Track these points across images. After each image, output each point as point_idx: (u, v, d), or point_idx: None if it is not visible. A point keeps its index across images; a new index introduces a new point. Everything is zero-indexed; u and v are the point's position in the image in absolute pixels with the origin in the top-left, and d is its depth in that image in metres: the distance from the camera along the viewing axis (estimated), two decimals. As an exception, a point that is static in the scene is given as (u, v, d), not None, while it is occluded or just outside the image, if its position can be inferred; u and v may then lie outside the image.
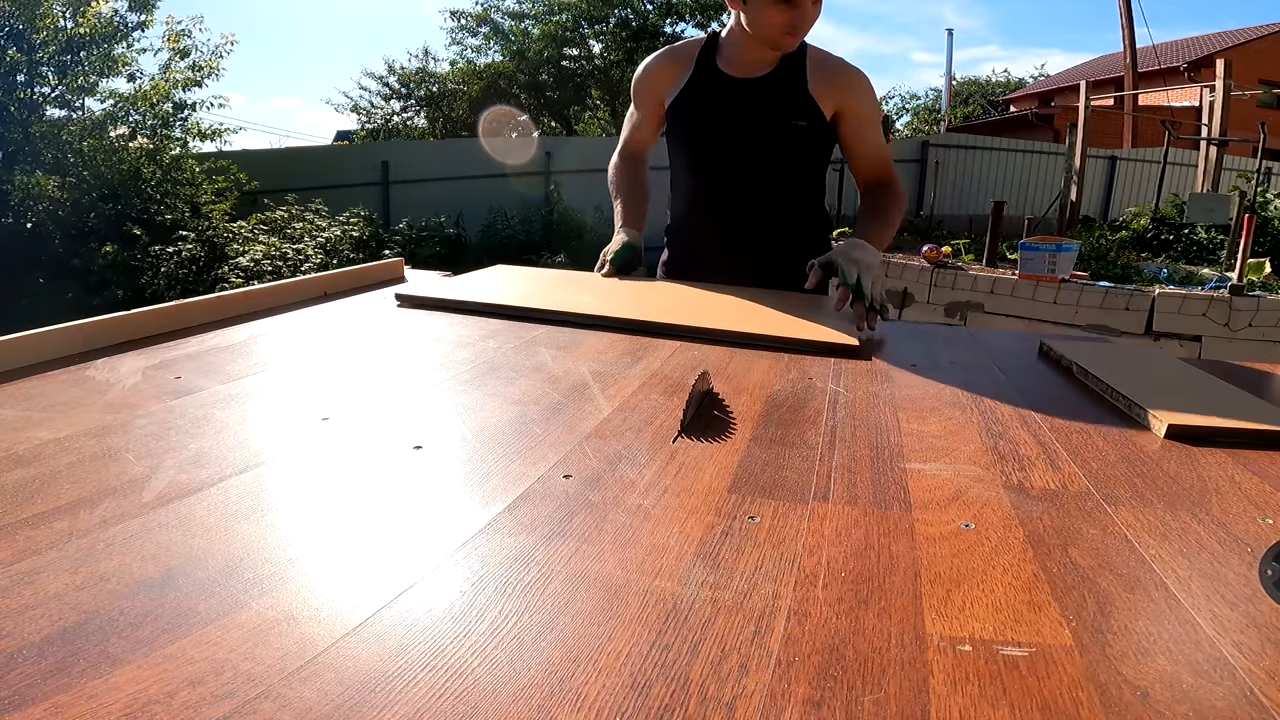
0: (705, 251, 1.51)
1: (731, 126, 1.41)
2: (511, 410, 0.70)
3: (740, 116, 1.40)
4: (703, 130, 1.44)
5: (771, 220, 1.46)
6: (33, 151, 7.03)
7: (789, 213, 1.47)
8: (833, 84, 1.37)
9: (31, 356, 0.77)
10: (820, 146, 1.44)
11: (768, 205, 1.45)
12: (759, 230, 1.46)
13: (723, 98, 1.40)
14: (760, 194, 1.45)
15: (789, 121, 1.38)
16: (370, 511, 0.50)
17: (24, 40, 6.88)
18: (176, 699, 0.32)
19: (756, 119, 1.40)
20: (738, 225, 1.46)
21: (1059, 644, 0.38)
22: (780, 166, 1.43)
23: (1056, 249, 4.34)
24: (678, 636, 0.37)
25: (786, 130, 1.39)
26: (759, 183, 1.44)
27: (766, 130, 1.40)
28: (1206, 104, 7.93)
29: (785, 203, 1.46)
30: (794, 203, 1.47)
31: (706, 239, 1.50)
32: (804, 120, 1.38)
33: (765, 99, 1.38)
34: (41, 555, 0.42)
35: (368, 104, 16.13)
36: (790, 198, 1.46)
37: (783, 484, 0.57)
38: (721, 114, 1.41)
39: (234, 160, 8.70)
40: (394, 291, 1.18)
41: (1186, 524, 0.53)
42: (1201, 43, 19.27)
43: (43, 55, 7.04)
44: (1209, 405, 0.78)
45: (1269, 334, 4.02)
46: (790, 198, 1.46)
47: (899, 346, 1.05)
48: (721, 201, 1.47)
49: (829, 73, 1.38)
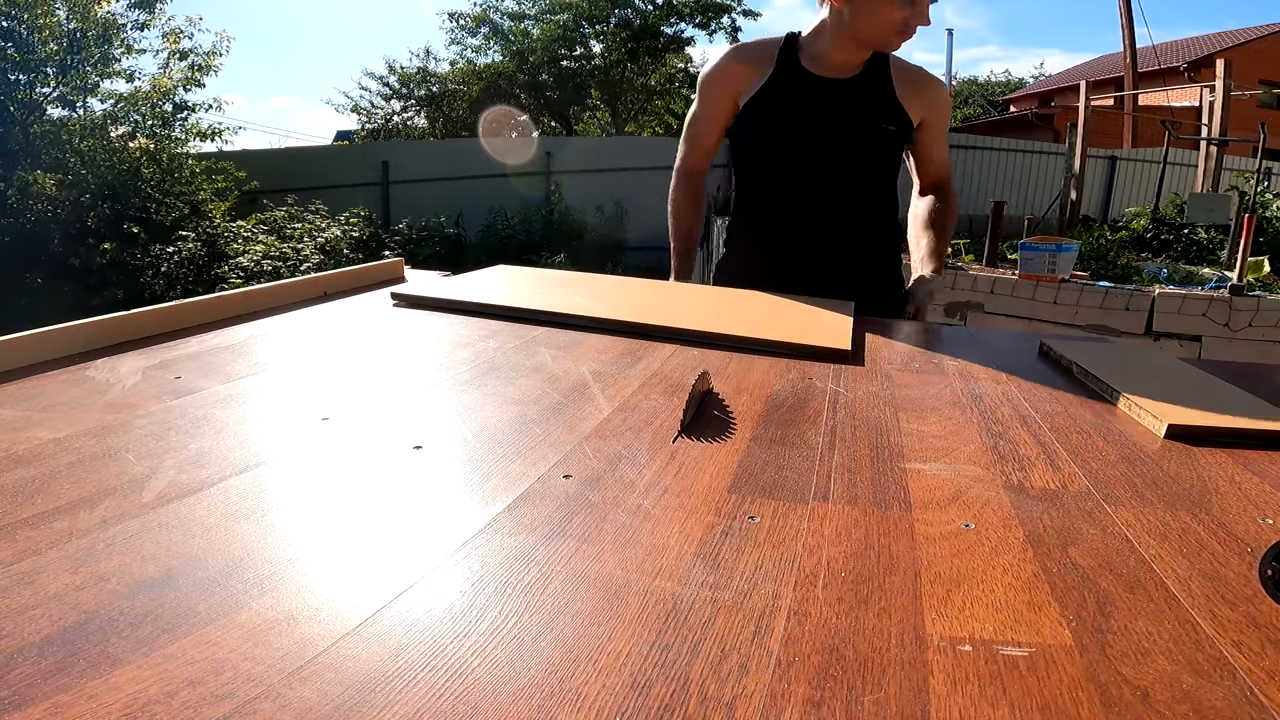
0: (775, 254, 1.44)
1: (821, 126, 1.36)
2: (511, 410, 0.70)
3: (831, 117, 1.35)
4: (788, 129, 1.38)
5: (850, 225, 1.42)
6: (32, 151, 7.03)
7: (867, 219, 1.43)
8: (918, 93, 1.35)
9: (31, 356, 0.77)
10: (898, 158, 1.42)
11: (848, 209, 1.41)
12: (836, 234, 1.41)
13: (811, 97, 1.35)
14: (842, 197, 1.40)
15: (880, 125, 1.35)
16: (370, 511, 0.50)
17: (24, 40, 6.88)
18: (176, 699, 0.32)
19: (848, 120, 1.35)
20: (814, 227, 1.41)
21: (1059, 644, 0.38)
22: (866, 170, 1.40)
23: (1056, 249, 4.34)
24: (678, 636, 0.37)
25: (877, 134, 1.35)
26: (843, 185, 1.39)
27: (858, 132, 1.35)
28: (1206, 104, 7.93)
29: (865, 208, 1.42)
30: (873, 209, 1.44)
31: (778, 241, 1.44)
32: (893, 125, 1.35)
33: (856, 100, 1.34)
34: (41, 555, 0.42)
35: (368, 104, 16.13)
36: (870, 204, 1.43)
37: (783, 484, 0.57)
38: (810, 113, 1.35)
39: (234, 160, 8.71)
40: (392, 291, 1.18)
41: (1186, 524, 0.53)
42: (1201, 43, 19.27)
43: (43, 54, 7.04)
44: (1209, 405, 0.78)
45: (1269, 334, 4.02)
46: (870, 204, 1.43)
47: (899, 346, 1.05)
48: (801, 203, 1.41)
49: (915, 80, 1.35)
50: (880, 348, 1.02)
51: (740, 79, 1.40)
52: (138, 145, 7.68)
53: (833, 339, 0.98)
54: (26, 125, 7.07)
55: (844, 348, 0.94)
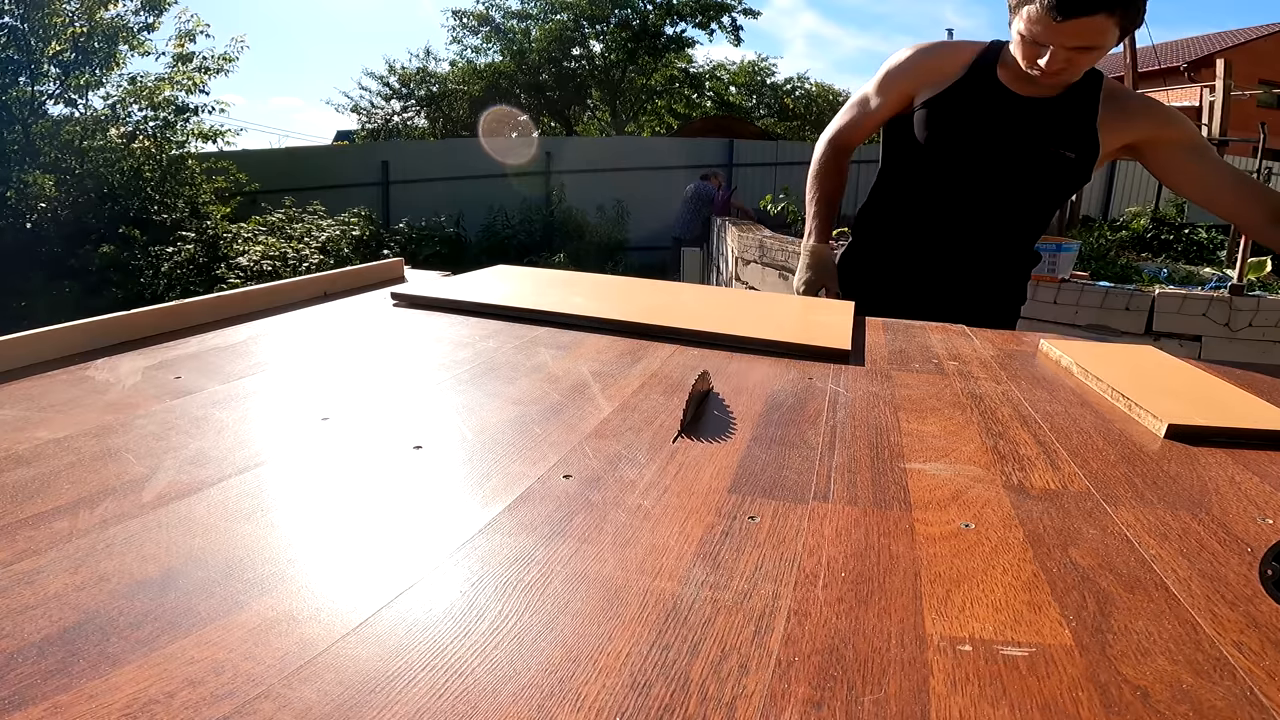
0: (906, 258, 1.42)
1: (994, 140, 1.31)
2: (511, 410, 0.70)
3: (1007, 132, 1.30)
4: (960, 136, 1.33)
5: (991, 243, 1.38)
6: (32, 151, 7.03)
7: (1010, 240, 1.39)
8: (1130, 115, 1.28)
9: (31, 356, 0.77)
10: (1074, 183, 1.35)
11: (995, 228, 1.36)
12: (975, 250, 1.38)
13: (992, 108, 1.30)
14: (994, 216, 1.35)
15: (1057, 150, 1.29)
16: (370, 511, 0.50)
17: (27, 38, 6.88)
18: (176, 699, 0.32)
19: (1023, 139, 1.29)
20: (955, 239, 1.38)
21: (1059, 644, 0.38)
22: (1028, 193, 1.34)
23: (1056, 249, 4.34)
24: (678, 636, 0.37)
25: (1049, 159, 1.29)
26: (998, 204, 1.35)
27: (1030, 153, 1.30)
28: (1206, 104, 7.92)
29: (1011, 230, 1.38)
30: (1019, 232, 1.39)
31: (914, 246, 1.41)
32: (1073, 152, 1.28)
33: (1041, 121, 1.28)
34: (41, 555, 0.42)
35: (368, 104, 16.15)
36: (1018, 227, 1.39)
37: (783, 484, 0.57)
38: (987, 125, 1.31)
39: (234, 160, 8.71)
40: (392, 291, 1.18)
41: (1186, 524, 0.53)
42: (1201, 43, 19.27)
43: (47, 53, 7.04)
44: (1209, 405, 0.78)
45: (1269, 334, 4.02)
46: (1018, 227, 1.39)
47: (899, 346, 1.05)
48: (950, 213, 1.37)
49: (1125, 105, 1.28)
50: (880, 348, 1.02)
51: (925, 77, 1.36)
52: (139, 146, 7.68)
53: (833, 339, 0.98)
54: (27, 124, 7.07)
55: (844, 348, 0.94)
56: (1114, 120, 1.28)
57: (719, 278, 7.12)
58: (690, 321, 1.03)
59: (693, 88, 17.01)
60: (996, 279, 1.41)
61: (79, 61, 7.29)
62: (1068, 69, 1.19)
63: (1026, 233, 1.41)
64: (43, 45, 6.99)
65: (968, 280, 1.40)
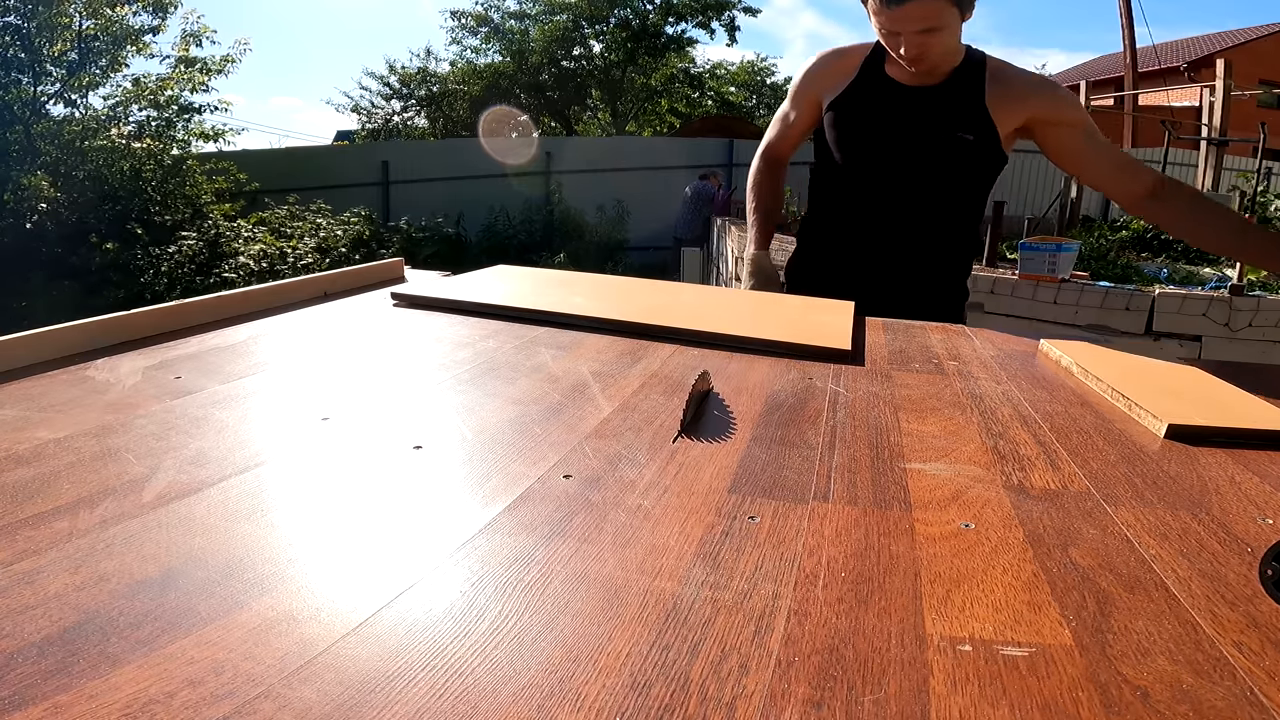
0: (844, 258, 1.44)
1: (892, 133, 1.35)
2: (511, 410, 0.70)
3: (902, 123, 1.34)
4: (861, 134, 1.39)
5: (919, 234, 1.40)
6: (33, 151, 7.03)
7: (939, 229, 1.41)
8: (1017, 96, 1.30)
9: (31, 356, 0.77)
10: (985, 165, 1.36)
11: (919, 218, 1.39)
12: (904, 241, 1.40)
13: (886, 103, 1.35)
14: (913, 206, 1.38)
15: (954, 134, 1.32)
16: (370, 511, 0.50)
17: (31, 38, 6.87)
18: (176, 699, 0.32)
19: (919, 128, 1.33)
20: (884, 233, 1.40)
21: (1059, 644, 0.38)
22: (939, 180, 1.37)
23: (1056, 249, 4.34)
24: (678, 636, 0.37)
25: (950, 142, 1.32)
26: (913, 194, 1.38)
27: (929, 140, 1.33)
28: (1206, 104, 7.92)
29: (937, 218, 1.40)
30: (946, 220, 1.41)
31: (848, 244, 1.44)
32: (971, 134, 1.31)
33: (932, 108, 1.32)
34: (41, 555, 0.42)
35: (368, 104, 16.15)
36: (943, 214, 1.40)
37: (783, 484, 0.57)
38: (883, 119, 1.35)
39: (234, 160, 8.70)
40: (392, 291, 1.18)
41: (1186, 524, 0.53)
42: (1201, 43, 19.27)
43: (52, 53, 7.03)
44: (1209, 405, 0.78)
45: (1269, 334, 4.02)
46: (943, 214, 1.40)
47: (899, 346, 1.05)
48: (871, 208, 1.41)
49: (1011, 83, 1.31)
50: (880, 348, 1.02)
51: (827, 81, 1.42)
52: (140, 146, 7.68)
53: (833, 339, 0.98)
54: (28, 124, 7.06)
55: (844, 348, 0.94)
56: (1002, 100, 1.31)
57: (719, 278, 7.12)
58: (690, 321, 1.03)
59: (693, 87, 17.02)
60: (934, 267, 1.43)
61: (81, 62, 7.29)
62: (923, 53, 1.24)
63: (954, 218, 1.42)
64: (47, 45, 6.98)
65: (906, 271, 1.42)
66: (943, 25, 1.20)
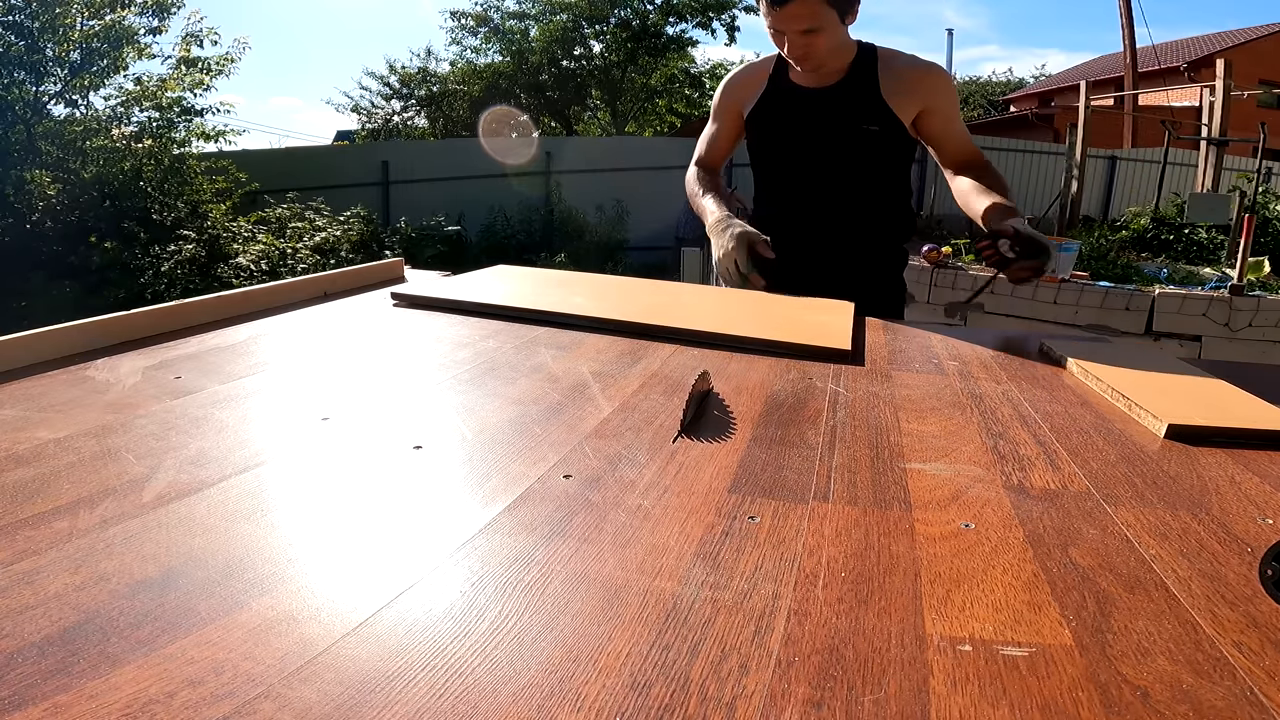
0: (784, 252, 1.48)
1: (804, 136, 1.44)
2: (511, 410, 0.70)
3: (812, 126, 1.42)
4: (778, 141, 1.48)
5: (853, 227, 1.47)
6: (34, 150, 7.03)
7: (869, 216, 1.47)
8: (909, 87, 1.37)
9: (31, 356, 0.77)
10: (897, 149, 1.44)
11: (846, 210, 1.46)
12: (839, 235, 1.47)
13: (795, 108, 1.44)
14: (838, 200, 1.46)
15: (860, 127, 1.39)
16: (370, 511, 0.50)
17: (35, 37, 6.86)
18: (176, 699, 0.32)
19: (827, 127, 1.41)
20: (818, 230, 1.47)
21: (1059, 644, 0.38)
22: (856, 171, 1.44)
23: (1057, 249, 4.34)
24: (678, 636, 0.37)
25: (859, 136, 1.40)
26: (836, 189, 1.45)
27: (838, 138, 1.41)
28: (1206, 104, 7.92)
29: (864, 207, 1.47)
30: (873, 206, 1.48)
31: (788, 244, 1.49)
32: (876, 125, 1.38)
33: (835, 107, 1.40)
34: (41, 555, 0.42)
35: (368, 104, 16.15)
36: (869, 202, 1.47)
37: (783, 484, 0.57)
38: (794, 124, 1.44)
39: (234, 160, 8.70)
40: (392, 291, 1.18)
41: (1186, 524, 0.53)
42: (1201, 43, 19.27)
43: (54, 54, 7.02)
44: (1209, 405, 0.78)
45: (1269, 334, 4.02)
46: (869, 202, 1.47)
47: (899, 346, 1.05)
48: (801, 208, 1.49)
49: (902, 75, 1.38)
50: (880, 348, 1.02)
51: (743, 94, 1.51)
52: (141, 146, 7.68)
53: (833, 339, 0.98)
54: (30, 124, 7.06)
55: (844, 348, 0.94)
56: (895, 91, 1.38)
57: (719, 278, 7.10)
58: (690, 321, 1.03)
59: (693, 87, 17.02)
60: (869, 255, 1.50)
61: (84, 63, 7.29)
62: (807, 53, 1.32)
63: (879, 206, 1.49)
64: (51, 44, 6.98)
65: (843, 262, 1.48)
66: (822, 26, 1.28)
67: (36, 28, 6.80)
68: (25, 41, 6.84)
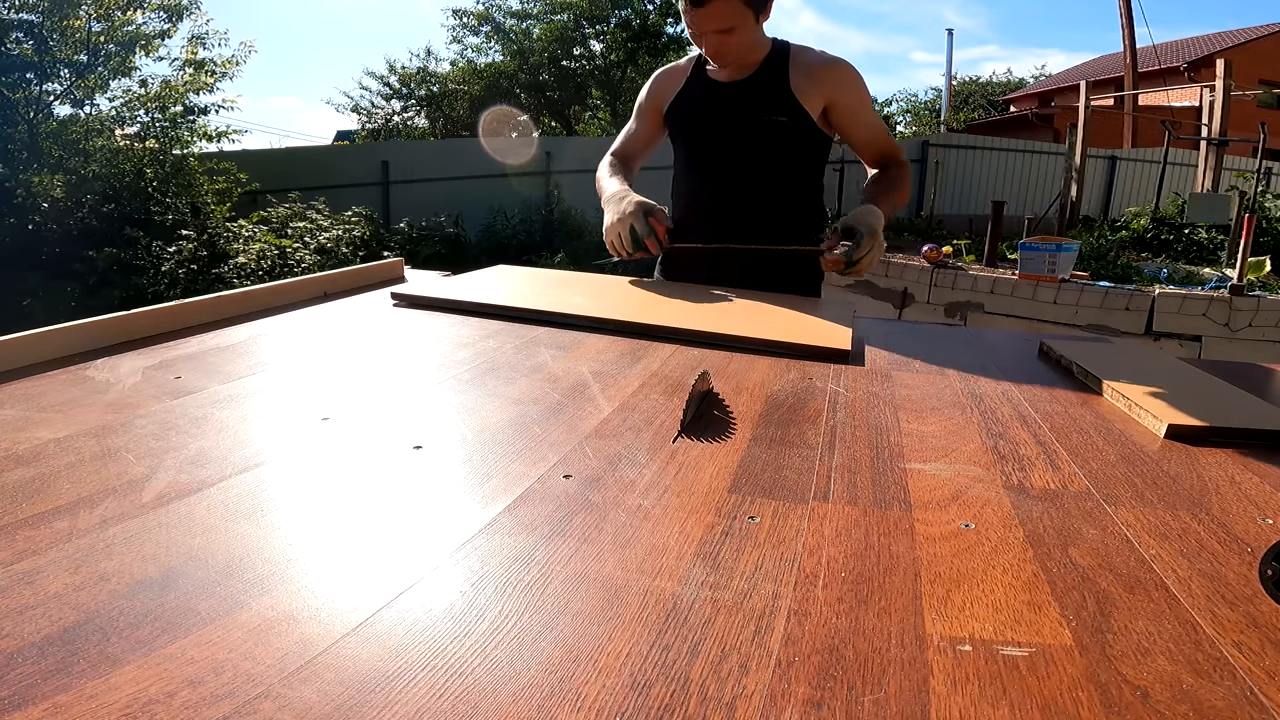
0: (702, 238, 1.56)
1: (715, 126, 1.50)
2: (511, 410, 0.70)
3: (723, 116, 1.49)
4: (693, 131, 1.55)
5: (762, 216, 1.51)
6: (37, 150, 7.02)
7: (780, 208, 1.52)
8: (815, 80, 1.43)
9: (31, 356, 0.77)
10: (806, 143, 1.49)
11: (758, 201, 1.51)
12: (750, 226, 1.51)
13: (709, 100, 1.51)
14: (749, 190, 1.51)
15: (767, 117, 1.45)
16: (370, 511, 0.50)
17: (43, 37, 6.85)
18: (176, 699, 0.32)
19: (736, 117, 1.48)
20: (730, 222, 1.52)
21: (1059, 644, 0.38)
22: (765, 162, 1.49)
23: (1056, 249, 4.35)
24: (678, 636, 0.37)
25: (765, 126, 1.46)
26: (747, 179, 1.51)
27: (745, 127, 1.47)
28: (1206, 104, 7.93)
29: (775, 199, 1.51)
30: (784, 199, 1.52)
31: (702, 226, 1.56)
32: (784, 116, 1.44)
33: (745, 99, 1.46)
34: (41, 555, 0.42)
35: (368, 104, 16.14)
36: (780, 194, 1.52)
37: (783, 484, 0.57)
38: (707, 115, 1.51)
39: (234, 160, 8.70)
40: (392, 291, 1.18)
41: (1186, 524, 0.53)
42: (1201, 43, 19.27)
43: (61, 54, 7.02)
44: (1209, 405, 0.78)
45: (1269, 334, 4.02)
46: (780, 194, 1.52)
47: (899, 346, 1.05)
48: (714, 199, 1.54)
49: (809, 69, 1.44)
50: (880, 348, 1.02)
51: (665, 91, 1.58)
52: (144, 148, 7.68)
53: (833, 339, 0.98)
54: (33, 123, 7.06)
55: (844, 348, 0.94)
56: (802, 84, 1.43)
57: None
58: (690, 321, 1.03)
59: (693, 88, 16.99)
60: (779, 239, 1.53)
61: (90, 64, 7.29)
62: (722, 50, 1.37)
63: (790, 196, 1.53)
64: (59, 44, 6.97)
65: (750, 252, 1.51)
66: (738, 25, 1.33)
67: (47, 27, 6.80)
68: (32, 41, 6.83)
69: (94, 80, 7.44)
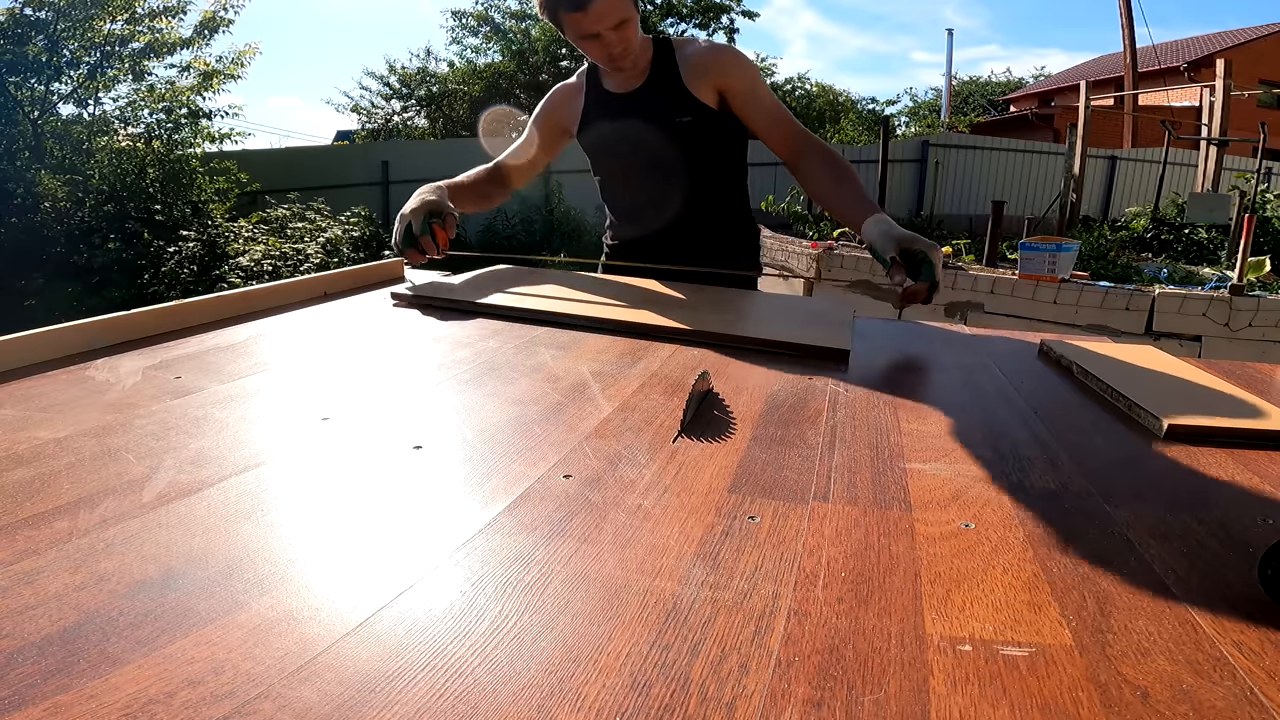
0: (632, 254, 1.56)
1: (623, 141, 1.46)
2: (511, 410, 0.70)
3: (628, 128, 1.45)
4: (604, 149, 1.52)
5: (693, 217, 1.49)
6: (40, 149, 7.02)
7: (709, 206, 1.49)
8: (702, 71, 1.40)
9: (31, 356, 0.77)
10: (718, 136, 1.44)
11: (686, 203, 1.48)
12: (685, 229, 1.50)
13: (611, 114, 1.46)
14: (675, 194, 1.47)
15: (673, 120, 1.41)
16: (370, 511, 0.50)
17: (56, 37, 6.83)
18: (176, 699, 0.32)
19: (642, 127, 1.44)
20: (665, 227, 1.50)
21: (1059, 644, 0.38)
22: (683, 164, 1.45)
23: (1056, 249, 4.34)
24: (678, 636, 0.37)
25: (673, 129, 1.42)
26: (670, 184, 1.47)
27: (654, 135, 1.43)
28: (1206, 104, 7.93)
29: (702, 198, 1.48)
30: (710, 196, 1.49)
31: (634, 250, 1.55)
32: (688, 116, 1.40)
33: (647, 106, 1.42)
34: (41, 555, 0.42)
35: (368, 104, 16.14)
36: (705, 191, 1.48)
37: (783, 484, 0.57)
38: (613, 130, 1.47)
39: (234, 160, 8.70)
40: (392, 291, 1.18)
41: (1186, 524, 0.53)
42: (1201, 43, 19.27)
43: (72, 55, 7.01)
44: (1209, 405, 0.78)
45: (1269, 334, 4.02)
46: (705, 191, 1.48)
47: (899, 346, 1.05)
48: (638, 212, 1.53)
49: (694, 62, 1.40)
50: (880, 348, 1.02)
51: (563, 110, 1.53)
52: (146, 148, 7.68)
53: (833, 339, 0.98)
54: (37, 123, 7.05)
55: (844, 348, 0.94)
56: (694, 79, 1.40)
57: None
58: (690, 321, 1.03)
59: (693, 88, 16.99)
60: (712, 250, 1.51)
61: (101, 65, 7.28)
62: (627, 47, 1.32)
63: (717, 194, 1.51)
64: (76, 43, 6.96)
65: (695, 251, 1.50)
66: (629, 16, 1.29)
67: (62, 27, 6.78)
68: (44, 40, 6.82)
69: (102, 81, 7.43)
